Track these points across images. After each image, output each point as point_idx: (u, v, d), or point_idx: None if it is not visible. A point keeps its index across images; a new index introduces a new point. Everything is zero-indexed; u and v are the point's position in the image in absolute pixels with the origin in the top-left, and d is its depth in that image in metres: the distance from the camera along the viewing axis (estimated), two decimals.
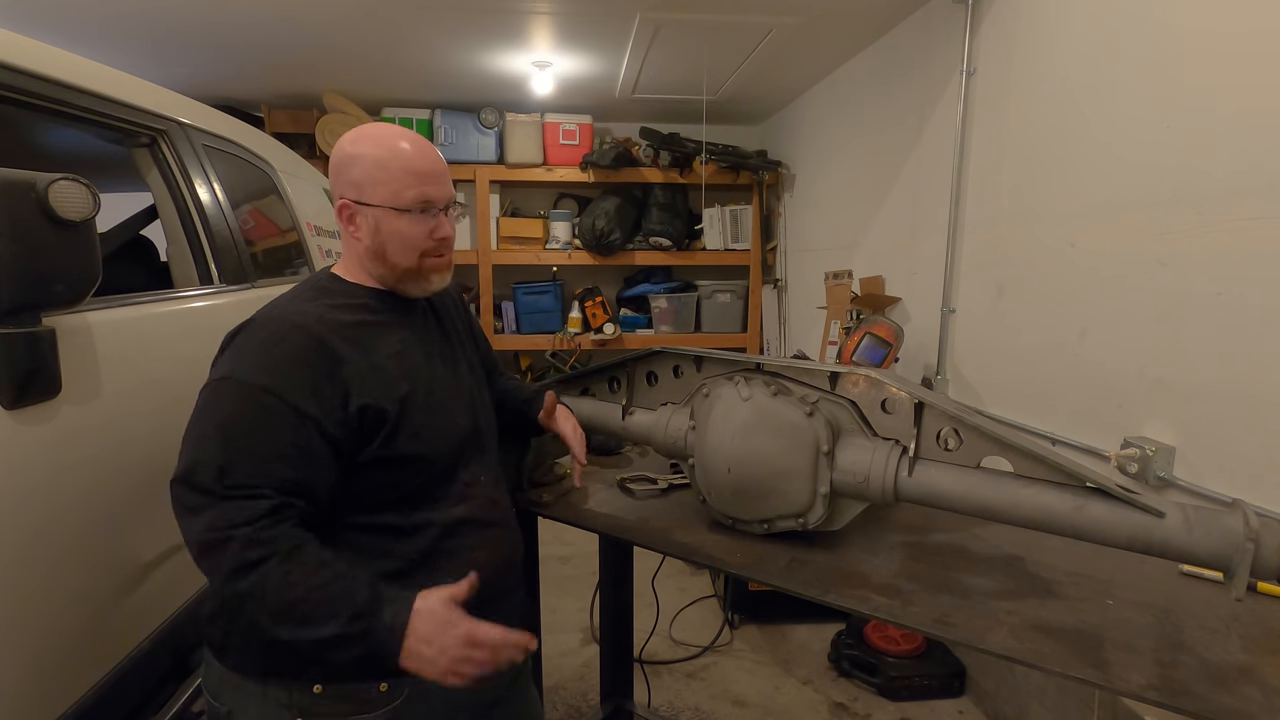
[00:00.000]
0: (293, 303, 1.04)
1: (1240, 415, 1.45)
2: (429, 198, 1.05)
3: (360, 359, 0.99)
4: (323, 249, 2.49)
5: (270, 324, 0.99)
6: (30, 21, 2.64)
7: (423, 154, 1.06)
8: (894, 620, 1.06)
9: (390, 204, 1.03)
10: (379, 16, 2.65)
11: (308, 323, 0.99)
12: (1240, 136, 1.44)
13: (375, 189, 1.03)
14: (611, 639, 2.05)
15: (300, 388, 0.94)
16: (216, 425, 0.92)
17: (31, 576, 1.05)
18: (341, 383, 0.96)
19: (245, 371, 0.94)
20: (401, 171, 1.03)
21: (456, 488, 1.08)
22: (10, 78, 1.16)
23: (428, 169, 1.05)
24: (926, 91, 2.59)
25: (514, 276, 4.34)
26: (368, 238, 1.06)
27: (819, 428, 1.18)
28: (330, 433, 0.95)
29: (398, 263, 1.07)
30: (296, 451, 0.92)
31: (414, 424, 1.02)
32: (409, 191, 1.03)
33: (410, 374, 1.05)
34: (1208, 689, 0.88)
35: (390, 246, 1.05)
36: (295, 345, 0.96)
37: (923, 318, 2.62)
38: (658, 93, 3.69)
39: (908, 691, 2.34)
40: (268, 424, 0.92)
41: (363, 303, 1.07)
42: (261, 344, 0.97)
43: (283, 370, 0.94)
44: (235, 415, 0.92)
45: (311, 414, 0.93)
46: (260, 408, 0.92)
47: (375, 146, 1.04)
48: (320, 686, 0.96)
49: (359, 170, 1.04)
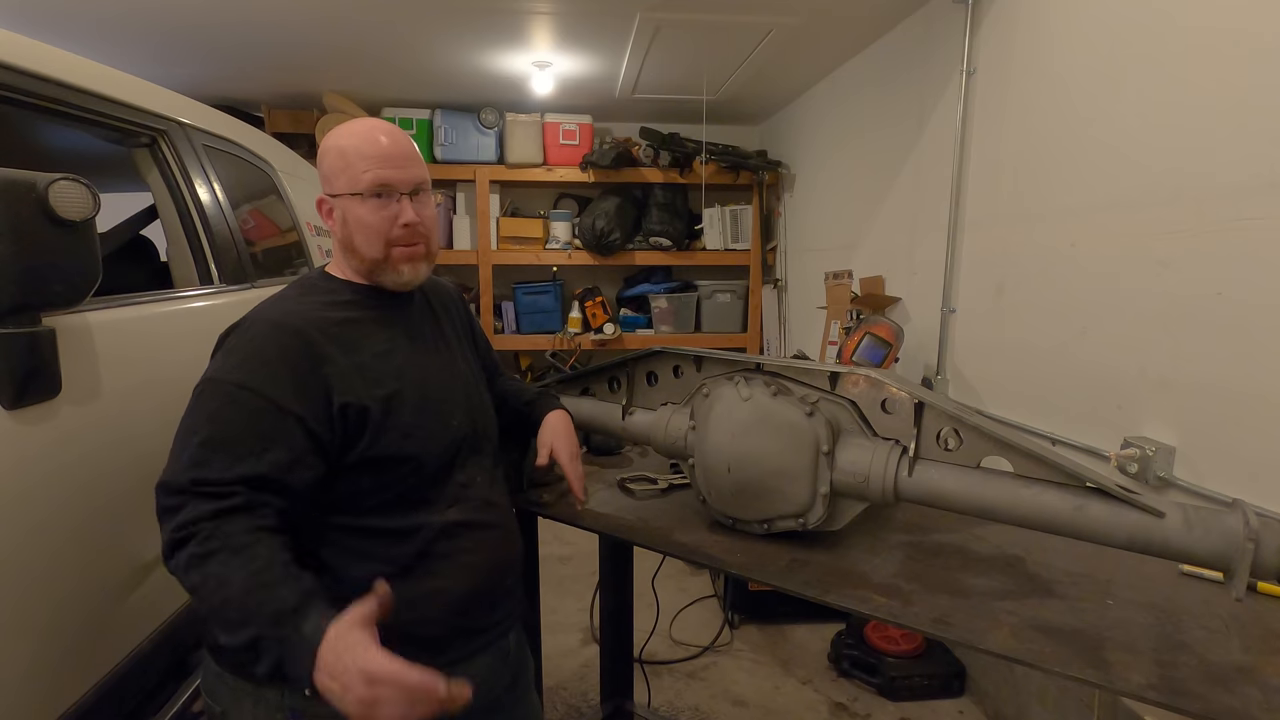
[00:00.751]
0: (280, 302, 1.05)
1: (1240, 415, 1.45)
2: (384, 180, 1.03)
3: (343, 357, 0.99)
4: (322, 249, 2.49)
5: (255, 324, 0.99)
6: (30, 21, 2.64)
7: (383, 137, 1.04)
8: (894, 620, 1.06)
9: (349, 190, 1.04)
10: (379, 17, 2.65)
11: (291, 321, 0.99)
12: (1241, 137, 1.44)
13: (338, 178, 1.05)
14: (611, 639, 2.05)
15: (282, 385, 0.94)
16: (196, 426, 0.92)
17: (31, 576, 1.04)
18: (324, 380, 0.96)
19: (227, 371, 0.95)
20: (357, 156, 1.03)
21: (450, 489, 1.07)
22: (10, 78, 1.16)
23: (385, 152, 1.03)
24: (926, 91, 2.59)
25: (514, 276, 4.34)
26: (338, 229, 1.07)
27: (819, 428, 1.18)
28: (314, 430, 0.94)
29: (365, 253, 1.06)
30: (276, 448, 0.91)
31: (402, 424, 1.01)
32: (365, 176, 1.03)
33: (398, 373, 1.04)
34: (1208, 689, 0.88)
35: (357, 236, 1.05)
36: (278, 344, 0.96)
37: (923, 318, 2.62)
38: (658, 93, 3.69)
39: (908, 691, 2.34)
40: (246, 421, 0.92)
41: (351, 299, 1.07)
42: (246, 344, 0.97)
43: (265, 368, 0.94)
44: (215, 414, 0.92)
45: (294, 410, 0.93)
46: (239, 405, 0.92)
47: (339, 138, 1.06)
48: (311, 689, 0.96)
49: (326, 163, 1.06)
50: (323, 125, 3.75)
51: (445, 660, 1.00)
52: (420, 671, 0.75)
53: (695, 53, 3.08)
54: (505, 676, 1.16)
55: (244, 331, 0.99)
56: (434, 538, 1.03)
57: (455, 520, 1.06)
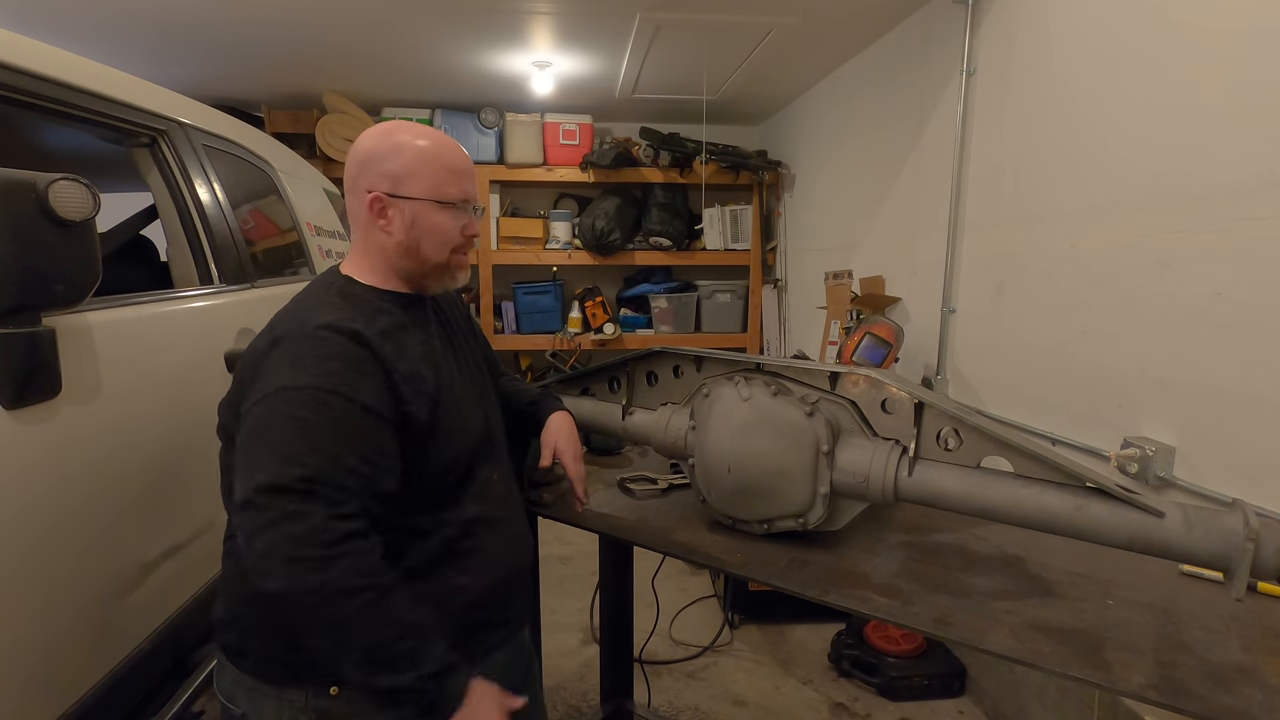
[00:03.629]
0: (323, 309, 0.99)
1: (1240, 415, 1.45)
2: (468, 194, 1.07)
3: (399, 363, 0.98)
4: (323, 249, 2.49)
5: (311, 333, 0.94)
6: (30, 21, 2.64)
7: (461, 152, 1.09)
8: (894, 620, 1.06)
9: (432, 197, 1.03)
10: (379, 16, 2.65)
11: (353, 326, 0.95)
12: (1240, 137, 1.44)
13: (416, 182, 1.03)
14: (611, 639, 2.05)
15: (366, 388, 0.92)
16: (295, 432, 0.87)
17: (32, 576, 1.04)
18: (394, 385, 0.96)
19: (308, 378, 0.90)
20: (444, 167, 1.04)
21: (474, 487, 1.08)
22: (10, 78, 1.16)
23: (466, 167, 1.08)
24: (926, 91, 2.59)
25: (514, 276, 4.34)
26: (401, 231, 1.04)
27: (819, 428, 1.18)
28: (396, 430, 0.94)
29: (430, 257, 1.06)
30: (377, 452, 0.91)
31: (443, 427, 1.02)
32: (451, 187, 1.04)
33: (436, 376, 1.04)
34: (1208, 689, 0.88)
35: (425, 241, 1.05)
36: (348, 349, 0.93)
37: (923, 318, 2.62)
38: (658, 93, 3.69)
39: (908, 691, 2.34)
40: (348, 426, 0.89)
41: (384, 306, 1.05)
42: (313, 350, 0.92)
43: (345, 373, 0.91)
44: (313, 420, 0.88)
45: (383, 412, 0.93)
46: (335, 410, 0.89)
47: (416, 137, 1.04)
48: (337, 688, 0.96)
49: (398, 162, 1.02)
50: (323, 125, 3.75)
51: (465, 655, 1.01)
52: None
53: (695, 53, 3.08)
54: (521, 671, 1.18)
55: (304, 340, 0.94)
56: (456, 535, 1.04)
57: (474, 516, 1.06)
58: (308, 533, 0.82)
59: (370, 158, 1.04)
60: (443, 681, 0.87)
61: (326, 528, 0.83)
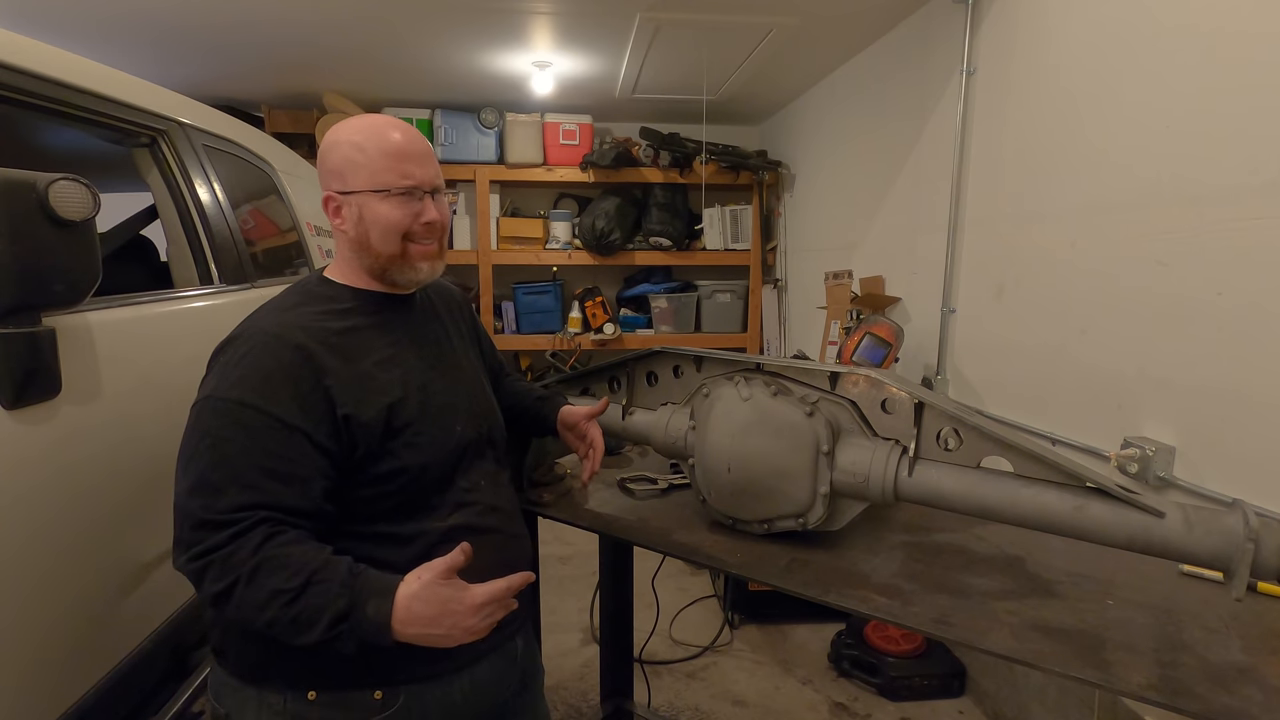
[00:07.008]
0: (277, 312, 1.02)
1: (1240, 415, 1.45)
2: (414, 178, 1.02)
3: (344, 368, 0.97)
4: (323, 249, 2.49)
5: (252, 337, 0.96)
6: (30, 21, 2.64)
7: (398, 133, 1.03)
8: (894, 620, 1.06)
9: (370, 187, 1.01)
10: (379, 17, 2.65)
11: (288, 333, 0.96)
12: (1240, 137, 1.44)
13: (355, 174, 1.02)
14: (611, 639, 2.05)
15: (284, 400, 0.92)
16: (200, 448, 0.90)
17: (31, 576, 1.05)
18: (326, 393, 0.95)
19: (226, 388, 0.92)
20: (378, 153, 1.01)
21: (453, 495, 1.06)
22: (10, 78, 1.16)
23: (406, 149, 1.02)
24: (926, 91, 2.59)
25: (514, 276, 4.34)
26: (352, 227, 1.04)
27: (819, 428, 1.18)
28: (322, 443, 0.93)
29: (381, 250, 1.04)
30: (284, 465, 0.91)
31: (406, 432, 1.00)
32: (389, 174, 1.01)
33: (401, 381, 1.03)
34: (1208, 689, 0.88)
35: (374, 233, 1.03)
36: (277, 357, 0.94)
37: (923, 318, 2.62)
38: (658, 93, 3.69)
39: (908, 691, 2.34)
40: (253, 440, 0.90)
41: (351, 306, 1.05)
42: (243, 359, 0.94)
43: (265, 383, 0.92)
44: (219, 435, 0.90)
45: (299, 425, 0.92)
46: (242, 424, 0.90)
47: (352, 132, 1.03)
48: (315, 693, 0.96)
49: (337, 157, 1.02)
50: (323, 125, 3.75)
51: (450, 663, 1.00)
52: (508, 579, 0.93)
53: (695, 53, 3.08)
54: (513, 680, 1.15)
55: (240, 345, 0.96)
56: (435, 543, 1.02)
57: (456, 525, 1.05)
58: (194, 550, 0.88)
59: (321, 158, 1.05)
60: (352, 621, 0.86)
61: (205, 543, 0.87)
